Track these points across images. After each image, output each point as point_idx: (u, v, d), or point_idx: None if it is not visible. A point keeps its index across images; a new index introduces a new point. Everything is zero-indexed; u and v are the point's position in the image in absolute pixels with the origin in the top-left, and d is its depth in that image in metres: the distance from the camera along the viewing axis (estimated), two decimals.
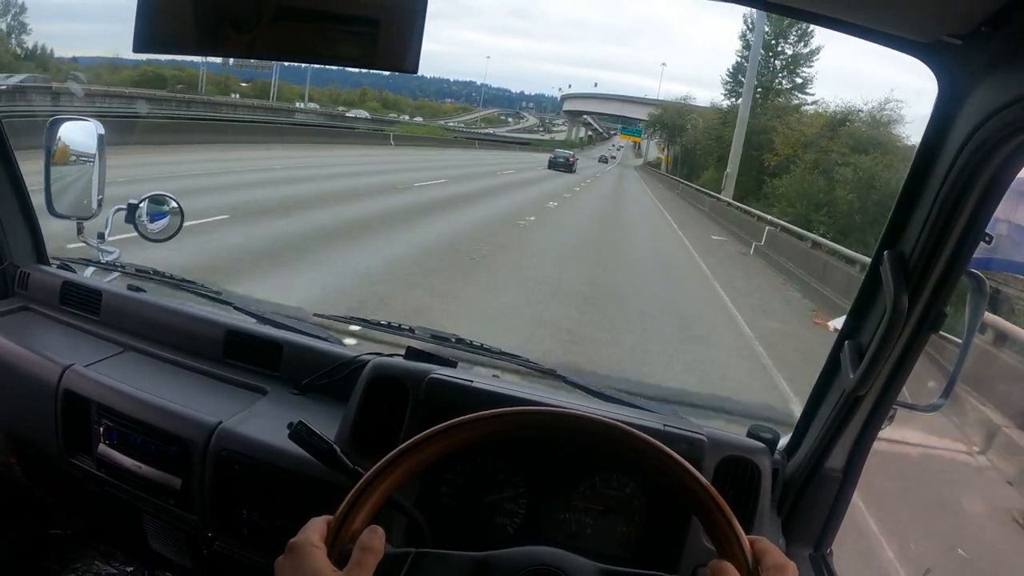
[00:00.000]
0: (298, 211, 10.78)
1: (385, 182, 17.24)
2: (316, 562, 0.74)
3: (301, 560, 0.75)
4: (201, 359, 1.56)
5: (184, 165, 14.10)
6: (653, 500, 1.18)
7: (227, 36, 1.00)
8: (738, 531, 0.82)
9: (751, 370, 6.29)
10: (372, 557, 0.76)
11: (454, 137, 47.42)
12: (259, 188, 12.66)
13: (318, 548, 0.76)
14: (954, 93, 0.91)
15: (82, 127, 1.82)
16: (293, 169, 17.33)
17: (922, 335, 1.07)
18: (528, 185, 24.98)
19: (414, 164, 26.34)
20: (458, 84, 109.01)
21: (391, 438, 1.21)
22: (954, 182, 0.93)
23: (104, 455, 1.42)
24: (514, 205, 17.17)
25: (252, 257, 7.27)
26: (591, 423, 0.89)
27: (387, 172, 20.62)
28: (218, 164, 15.86)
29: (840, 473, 1.23)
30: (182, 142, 18.26)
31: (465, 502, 1.20)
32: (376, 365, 1.30)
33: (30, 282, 1.75)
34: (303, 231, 9.21)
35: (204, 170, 14.14)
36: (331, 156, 23.14)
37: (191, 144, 18.42)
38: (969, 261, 1.01)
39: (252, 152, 19.47)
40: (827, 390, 1.23)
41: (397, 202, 13.83)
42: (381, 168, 21.89)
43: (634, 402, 1.37)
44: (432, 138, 47.51)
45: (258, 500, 1.30)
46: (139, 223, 1.88)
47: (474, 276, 8.36)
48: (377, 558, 0.77)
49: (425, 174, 20.95)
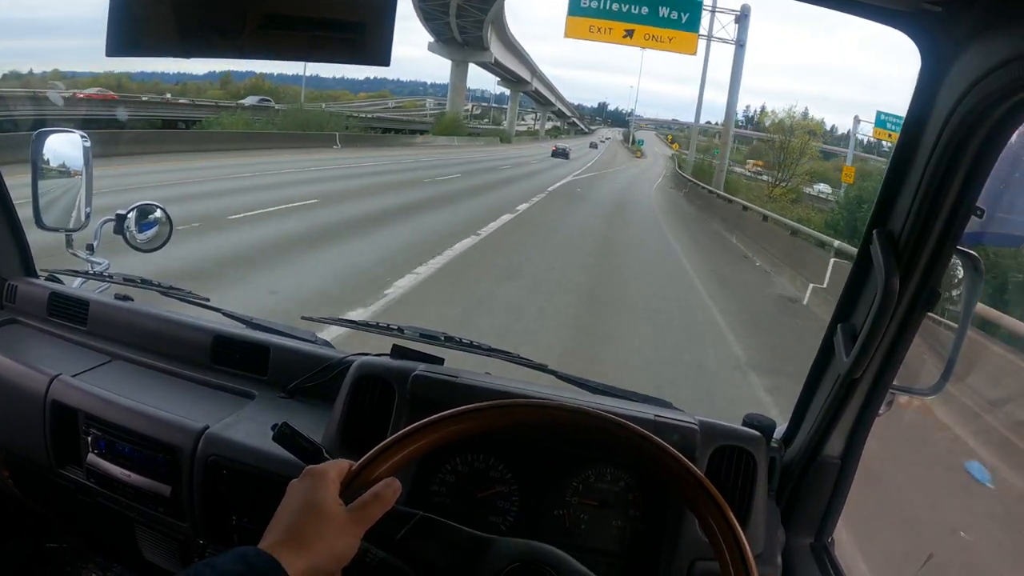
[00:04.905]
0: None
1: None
2: (326, 492, 0.78)
3: (313, 485, 0.78)
4: (189, 366, 1.55)
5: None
6: (648, 493, 1.16)
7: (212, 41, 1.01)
8: (732, 522, 0.80)
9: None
10: (380, 505, 0.79)
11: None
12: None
13: (332, 482, 0.79)
14: (937, 63, 0.89)
15: (68, 139, 1.83)
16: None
17: (916, 315, 1.05)
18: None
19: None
20: (435, 87, 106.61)
21: (378, 437, 1.19)
22: (942, 154, 0.90)
23: (93, 465, 1.41)
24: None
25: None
26: (588, 416, 0.89)
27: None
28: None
29: (839, 459, 1.21)
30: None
31: (457, 500, 1.18)
32: (361, 364, 1.29)
33: (18, 295, 1.75)
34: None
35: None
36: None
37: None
38: (961, 236, 0.98)
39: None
40: (822, 375, 1.20)
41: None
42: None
43: (627, 394, 1.35)
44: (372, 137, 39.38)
45: (247, 505, 1.29)
46: (127, 233, 1.88)
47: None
48: (384, 508, 0.80)
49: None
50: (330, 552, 0.75)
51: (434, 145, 44.52)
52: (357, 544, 0.77)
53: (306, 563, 0.72)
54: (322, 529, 0.75)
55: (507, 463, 1.18)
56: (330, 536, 0.75)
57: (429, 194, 16.56)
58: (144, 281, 1.74)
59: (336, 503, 0.77)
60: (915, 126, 0.95)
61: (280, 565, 0.70)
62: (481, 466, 1.19)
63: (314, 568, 0.73)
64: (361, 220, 11.22)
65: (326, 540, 0.74)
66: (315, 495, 0.77)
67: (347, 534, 0.76)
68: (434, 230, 10.89)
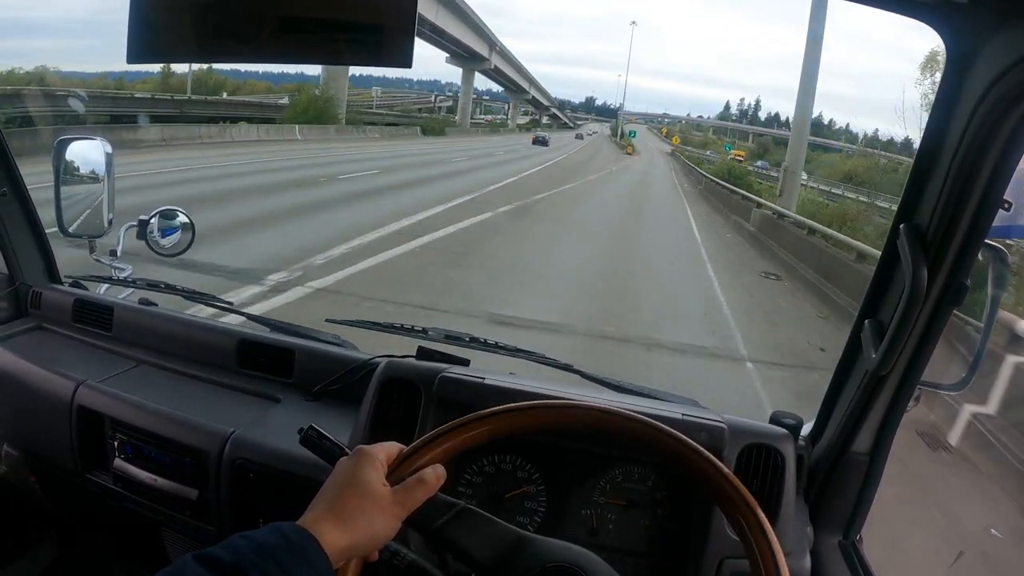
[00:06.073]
0: None
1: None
2: (372, 472, 0.78)
3: (361, 464, 0.78)
4: (214, 370, 1.57)
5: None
6: (675, 492, 1.15)
7: (230, 45, 1.01)
8: (762, 521, 0.79)
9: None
10: (423, 490, 0.80)
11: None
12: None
13: (381, 462, 0.80)
14: (962, 55, 0.88)
15: (90, 145, 1.84)
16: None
17: (943, 310, 1.04)
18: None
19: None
20: (421, 83, 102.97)
21: (404, 439, 1.19)
22: (968, 147, 0.90)
23: (120, 469, 1.42)
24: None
25: None
26: (620, 417, 0.89)
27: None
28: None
29: (867, 457, 1.20)
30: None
31: (484, 500, 1.18)
32: (387, 366, 1.29)
33: (43, 301, 1.77)
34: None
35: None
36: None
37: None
38: (989, 229, 0.98)
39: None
40: (849, 372, 1.19)
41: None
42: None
43: (652, 393, 1.34)
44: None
45: (274, 508, 1.28)
46: (150, 239, 1.89)
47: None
48: (428, 493, 0.80)
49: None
50: (370, 531, 0.75)
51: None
52: (397, 527, 0.78)
53: (346, 540, 0.72)
54: (365, 507, 0.75)
55: (534, 463, 1.18)
56: (372, 515, 0.75)
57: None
58: (168, 286, 1.76)
59: (382, 483, 0.78)
60: (941, 119, 0.94)
61: (316, 540, 0.70)
62: (508, 466, 1.19)
63: (352, 546, 0.73)
64: None
65: (367, 518, 0.75)
66: (362, 473, 0.77)
67: (389, 515, 0.77)
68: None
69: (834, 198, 26.32)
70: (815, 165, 32.43)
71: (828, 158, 34.52)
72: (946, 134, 0.94)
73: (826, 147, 47.23)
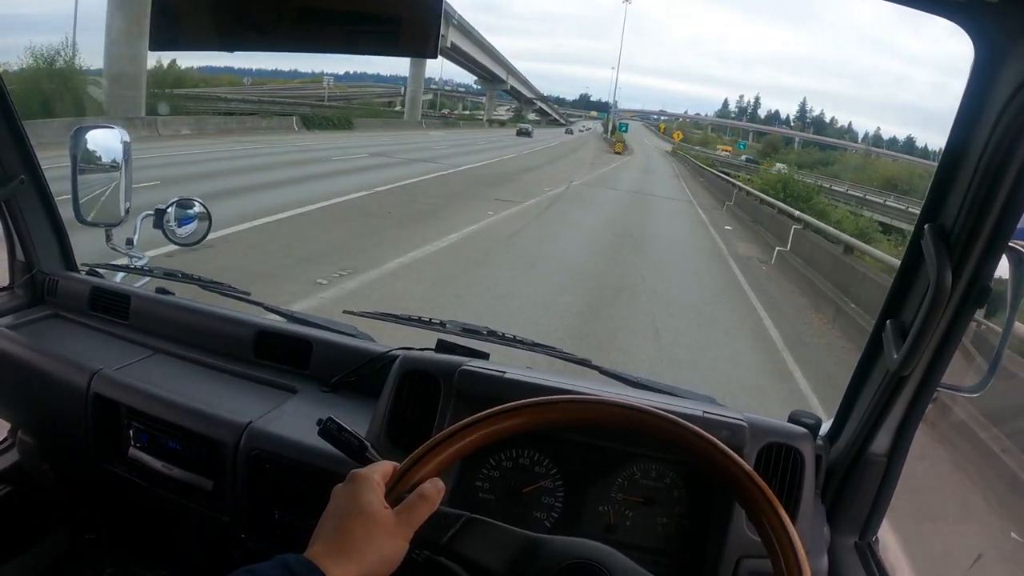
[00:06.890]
0: None
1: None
2: (371, 495, 0.77)
3: (358, 489, 0.77)
4: (231, 360, 1.57)
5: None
6: (694, 489, 1.15)
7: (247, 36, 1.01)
8: (784, 519, 0.79)
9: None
10: (426, 506, 0.78)
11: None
12: None
13: (378, 484, 0.78)
14: (991, 55, 0.88)
15: (108, 134, 1.84)
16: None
17: (966, 311, 1.03)
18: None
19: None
20: (395, 79, 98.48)
21: (423, 432, 1.19)
22: (995, 149, 0.89)
23: (135, 458, 1.43)
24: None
25: None
26: (642, 413, 0.88)
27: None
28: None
29: (884, 458, 1.19)
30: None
31: (501, 496, 1.18)
32: (406, 359, 1.29)
33: (59, 289, 1.77)
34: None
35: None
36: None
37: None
38: (1014, 231, 0.97)
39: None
40: (869, 372, 1.19)
41: None
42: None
43: (670, 389, 1.34)
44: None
45: (290, 499, 1.29)
46: (167, 228, 1.89)
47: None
48: (430, 509, 0.79)
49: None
50: (379, 556, 0.74)
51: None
52: (406, 547, 0.77)
53: (356, 570, 0.72)
54: (371, 533, 0.74)
55: (551, 458, 1.18)
56: (380, 540, 0.74)
57: None
58: (185, 275, 1.76)
59: (383, 506, 0.76)
60: (967, 120, 0.94)
61: (323, 573, 0.69)
62: (525, 461, 1.18)
63: (364, 575, 0.73)
64: None
65: (375, 544, 0.74)
66: (362, 498, 0.76)
67: (396, 536, 0.75)
68: None
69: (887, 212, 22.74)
70: (839, 168, 30.66)
71: (851, 159, 32.77)
72: (973, 134, 0.93)
73: (833, 146, 46.33)
